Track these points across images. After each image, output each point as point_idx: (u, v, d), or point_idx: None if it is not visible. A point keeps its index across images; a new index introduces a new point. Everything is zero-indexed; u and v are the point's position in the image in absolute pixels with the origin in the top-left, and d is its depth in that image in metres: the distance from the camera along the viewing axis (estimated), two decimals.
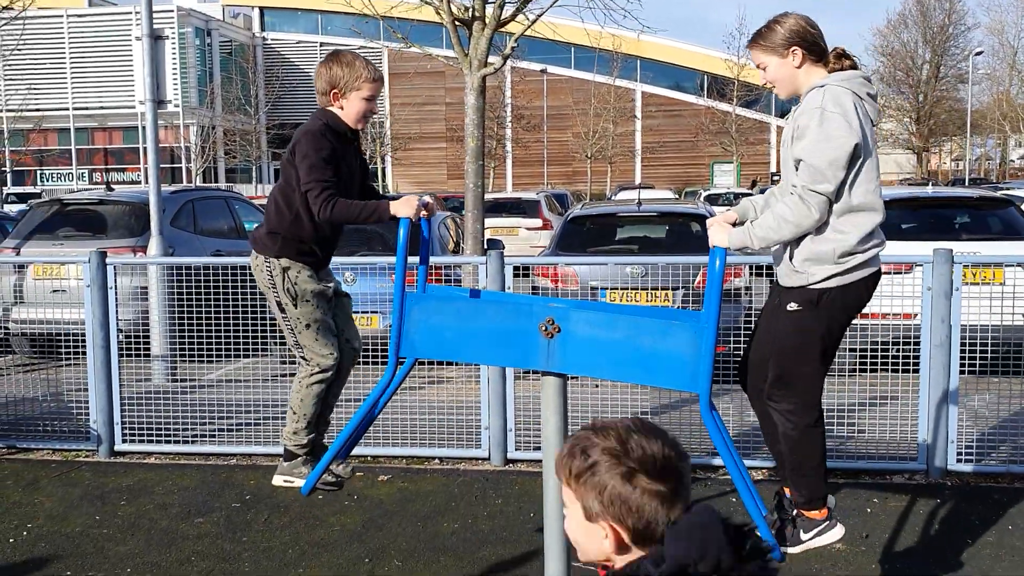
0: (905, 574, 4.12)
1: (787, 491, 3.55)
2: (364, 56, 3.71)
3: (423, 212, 3.50)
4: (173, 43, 8.33)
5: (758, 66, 3.43)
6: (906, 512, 4.86)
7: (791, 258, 3.34)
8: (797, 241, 3.31)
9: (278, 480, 3.83)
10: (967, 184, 36.90)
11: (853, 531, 4.59)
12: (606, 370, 3.18)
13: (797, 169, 3.25)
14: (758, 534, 3.12)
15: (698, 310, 3.25)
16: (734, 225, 3.45)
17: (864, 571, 4.15)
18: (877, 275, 3.41)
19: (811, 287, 3.31)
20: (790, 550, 3.49)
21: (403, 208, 3.43)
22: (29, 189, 43.09)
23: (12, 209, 24.13)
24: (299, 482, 3.75)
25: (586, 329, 3.15)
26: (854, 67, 3.37)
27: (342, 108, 3.60)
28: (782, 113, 52.43)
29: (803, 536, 3.48)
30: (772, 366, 3.44)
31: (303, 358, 3.70)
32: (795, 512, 3.51)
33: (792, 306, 3.35)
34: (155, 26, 8.35)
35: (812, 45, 3.31)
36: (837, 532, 3.49)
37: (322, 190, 3.45)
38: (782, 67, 3.34)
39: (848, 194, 3.26)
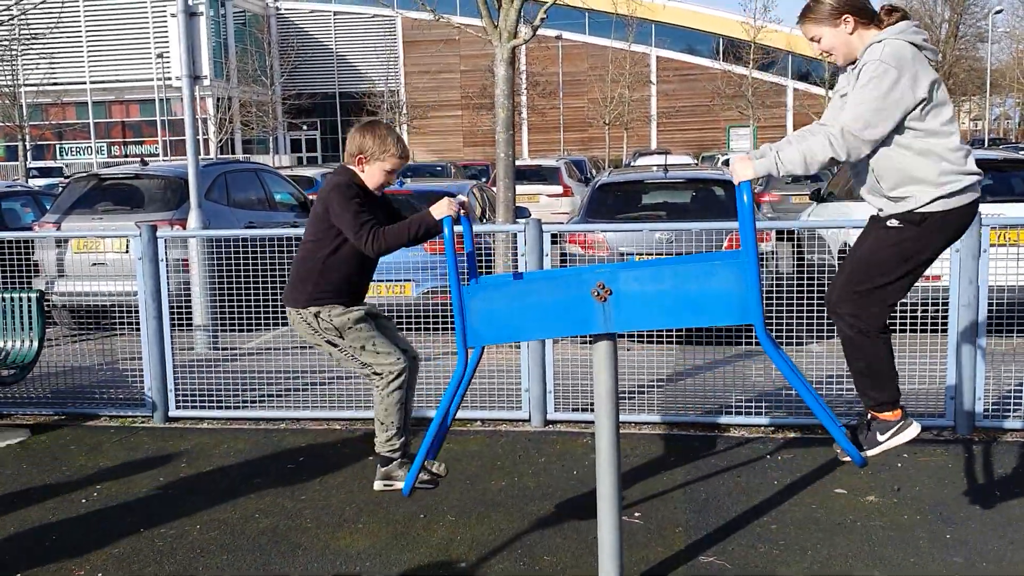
0: (935, 524, 4.30)
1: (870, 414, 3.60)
2: (395, 134, 3.96)
3: (462, 210, 3.74)
4: (208, 18, 8.47)
5: (811, 39, 3.49)
6: (936, 466, 5.05)
7: (890, 188, 3.37)
8: (887, 171, 3.35)
9: (379, 485, 4.06)
10: (986, 144, 36.63)
11: (885, 484, 4.79)
12: (661, 319, 3.37)
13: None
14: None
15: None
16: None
17: (896, 522, 4.34)
18: (977, 202, 3.42)
19: (916, 211, 3.35)
20: (868, 452, 3.54)
21: (443, 209, 3.69)
22: (50, 163, 43.49)
23: (35, 184, 24.41)
24: (399, 484, 3.99)
25: (635, 286, 3.34)
26: (905, 17, 3.43)
27: (363, 172, 3.90)
28: (799, 76, 52.08)
29: (879, 438, 3.52)
30: (849, 271, 3.47)
31: (375, 374, 3.92)
32: (869, 416, 3.58)
33: (893, 222, 3.39)
34: (189, 2, 8.51)
35: (861, 10, 3.40)
36: (913, 430, 3.51)
37: (368, 230, 3.72)
38: (836, 35, 3.42)
39: (923, 122, 3.30)
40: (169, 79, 8.74)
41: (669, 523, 4.39)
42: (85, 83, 48.35)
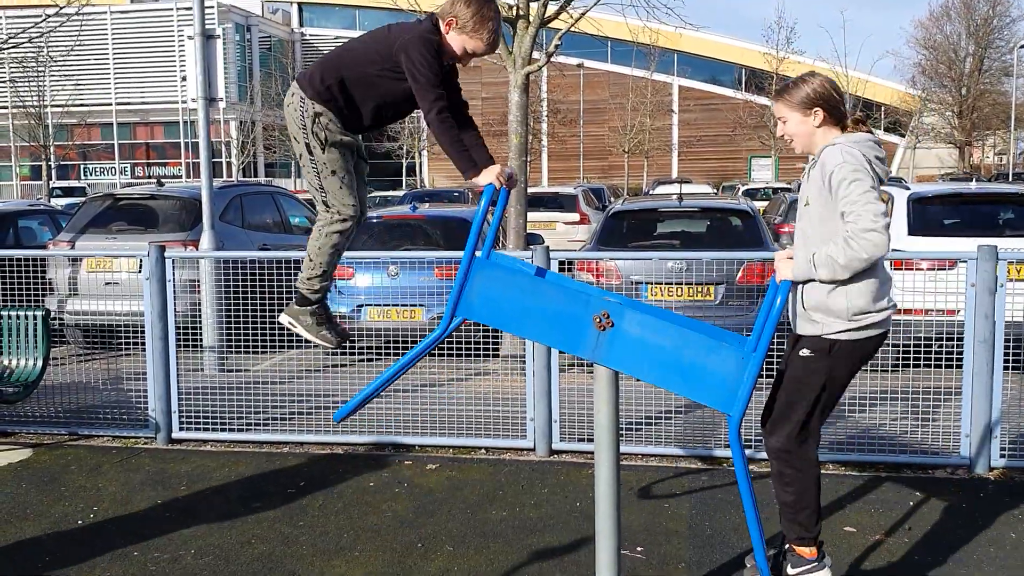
0: (948, 566, 4.18)
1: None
2: (498, 18, 3.61)
3: (506, 183, 3.49)
4: (234, 43, 8.52)
5: (779, 119, 3.62)
6: (948, 507, 4.91)
7: (804, 307, 3.53)
8: (811, 292, 3.49)
9: (284, 320, 3.83)
10: (1011, 179, 36.35)
11: (896, 523, 4.67)
12: (648, 373, 3.29)
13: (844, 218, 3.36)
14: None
15: (745, 336, 3.35)
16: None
17: (906, 563, 4.22)
18: (886, 335, 3.58)
19: (825, 336, 3.49)
20: None
21: (489, 176, 3.43)
22: (73, 183, 43.96)
23: (57, 203, 24.63)
24: (301, 329, 3.80)
25: (637, 330, 3.26)
26: (869, 132, 3.57)
27: (446, 34, 3.51)
28: None
29: (790, 571, 3.64)
30: (776, 405, 3.66)
31: (325, 203, 3.67)
32: (786, 546, 3.67)
33: (804, 352, 3.55)
34: (206, 25, 8.56)
35: (834, 108, 3.51)
36: (824, 574, 3.63)
37: (440, 109, 3.42)
38: (803, 124, 3.54)
39: None
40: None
41: (672, 559, 4.28)
42: (111, 104, 48.94)
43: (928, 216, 8.46)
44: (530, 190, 19.67)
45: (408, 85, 3.47)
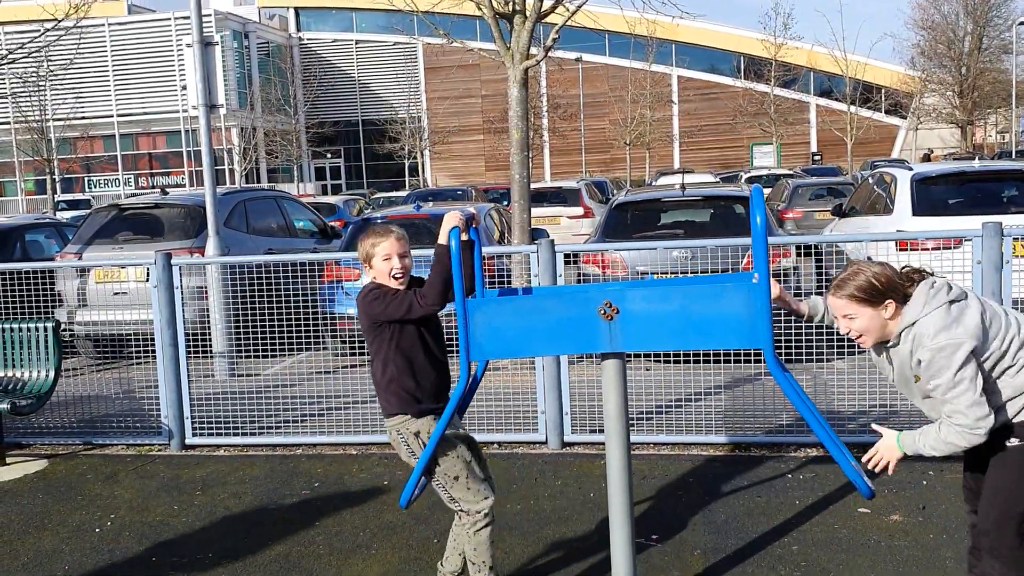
0: (962, 544, 4.18)
1: None
2: (377, 225, 3.83)
3: (472, 222, 3.65)
4: (232, 50, 8.56)
5: (845, 316, 3.28)
6: (962, 484, 4.91)
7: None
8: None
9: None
10: (1014, 156, 36.23)
11: (910, 502, 4.67)
12: (668, 341, 3.29)
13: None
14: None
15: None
16: (798, 312, 3.67)
17: (921, 541, 4.23)
18: None
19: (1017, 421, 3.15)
20: None
21: (449, 222, 3.54)
22: (78, 196, 44.08)
23: (63, 216, 24.73)
24: None
25: (642, 305, 3.27)
26: (922, 278, 3.25)
27: (375, 276, 3.75)
28: (821, 92, 51.84)
29: None
30: (988, 511, 3.21)
31: (461, 511, 3.73)
32: None
33: (1013, 441, 3.14)
34: (203, 32, 8.59)
35: (901, 295, 3.21)
36: None
37: (409, 297, 3.60)
38: (875, 318, 3.22)
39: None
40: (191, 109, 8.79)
41: (687, 545, 4.30)
42: (112, 116, 49.05)
43: (932, 196, 8.46)
44: (533, 186, 19.70)
45: (408, 320, 3.65)
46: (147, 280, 6.41)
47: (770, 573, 3.97)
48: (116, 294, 8.91)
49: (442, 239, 3.61)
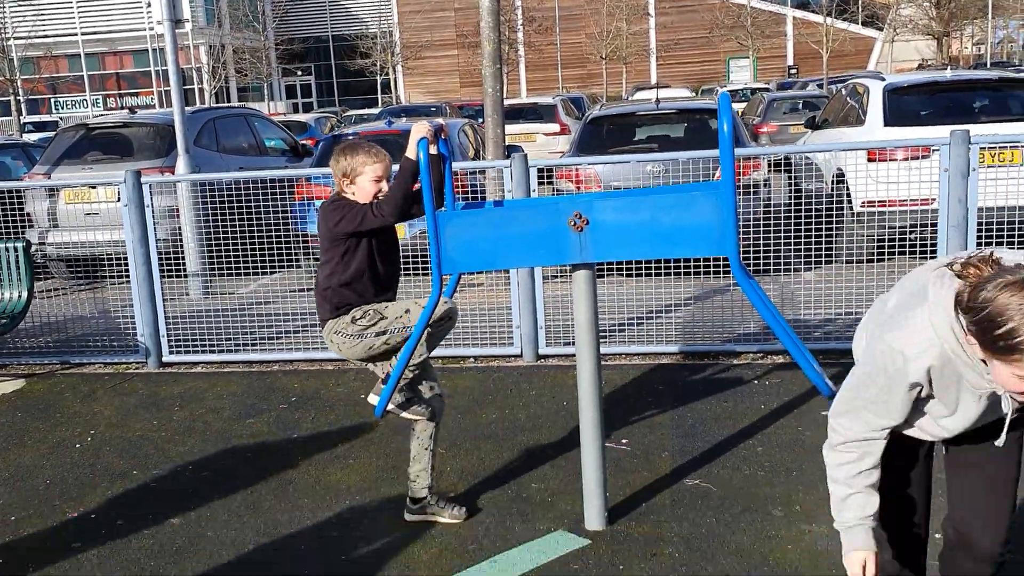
0: None
1: None
2: (366, 144, 3.78)
3: (440, 134, 3.65)
4: None
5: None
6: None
7: None
8: None
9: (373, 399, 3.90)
10: (988, 68, 36.12)
11: None
12: (637, 250, 3.35)
13: None
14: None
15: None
16: None
17: None
18: None
19: None
20: None
21: (418, 132, 3.53)
22: (45, 118, 43.16)
23: (30, 138, 24.24)
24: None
25: (612, 215, 3.32)
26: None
27: (354, 193, 3.72)
28: (798, 4, 51.15)
29: None
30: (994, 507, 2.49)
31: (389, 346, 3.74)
32: None
33: None
34: None
35: None
36: None
37: (369, 207, 3.60)
38: None
39: None
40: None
41: (655, 449, 4.43)
42: (76, 34, 47.73)
43: (904, 106, 8.47)
44: (508, 102, 19.48)
45: (361, 232, 3.64)
46: (118, 200, 6.36)
47: (735, 473, 4.11)
48: (87, 215, 8.82)
49: (410, 152, 3.61)
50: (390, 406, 3.80)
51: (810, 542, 3.46)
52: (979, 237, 5.70)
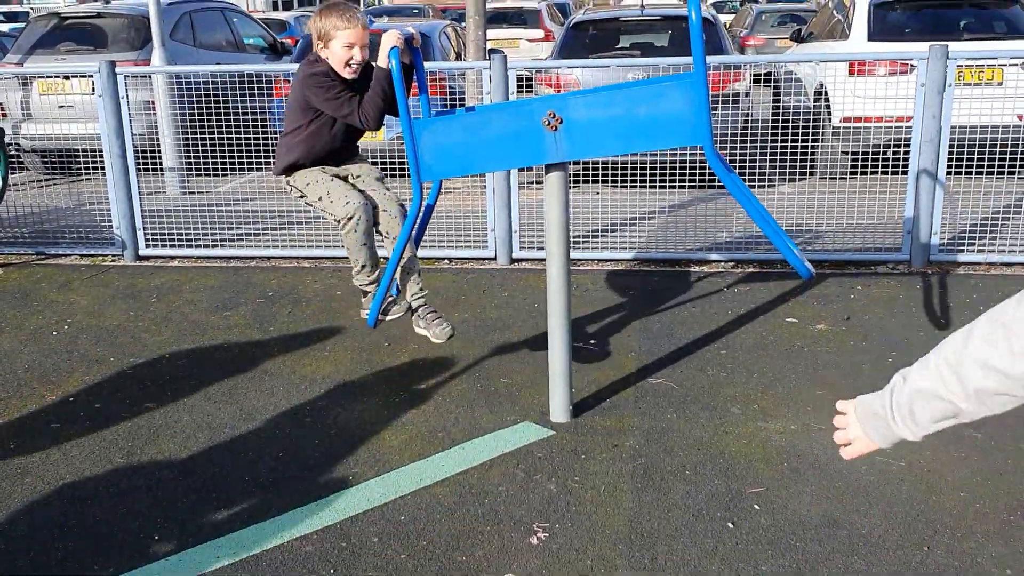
0: (879, 350, 4.48)
1: None
2: (346, 7, 3.83)
3: (412, 42, 3.73)
4: None
5: None
6: (887, 297, 5.20)
7: None
8: None
9: (363, 313, 4.22)
10: None
11: (835, 315, 4.95)
12: (612, 146, 3.40)
13: None
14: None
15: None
16: None
17: (842, 347, 4.51)
18: None
19: None
20: None
21: (388, 40, 3.60)
22: (15, 8, 41.88)
23: (1, 28, 23.59)
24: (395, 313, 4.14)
25: (585, 112, 3.35)
26: None
27: (327, 56, 3.82)
28: None
29: None
30: None
31: (336, 221, 3.98)
32: None
33: None
34: None
35: None
36: None
37: (356, 108, 3.74)
38: None
39: None
40: None
41: (622, 349, 4.55)
42: None
43: (888, 21, 8.43)
44: (490, 5, 19.13)
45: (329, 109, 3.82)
46: (92, 92, 6.29)
47: (698, 373, 4.24)
48: (61, 107, 8.71)
49: (381, 61, 3.63)
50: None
51: (764, 438, 3.61)
52: (951, 154, 5.77)
